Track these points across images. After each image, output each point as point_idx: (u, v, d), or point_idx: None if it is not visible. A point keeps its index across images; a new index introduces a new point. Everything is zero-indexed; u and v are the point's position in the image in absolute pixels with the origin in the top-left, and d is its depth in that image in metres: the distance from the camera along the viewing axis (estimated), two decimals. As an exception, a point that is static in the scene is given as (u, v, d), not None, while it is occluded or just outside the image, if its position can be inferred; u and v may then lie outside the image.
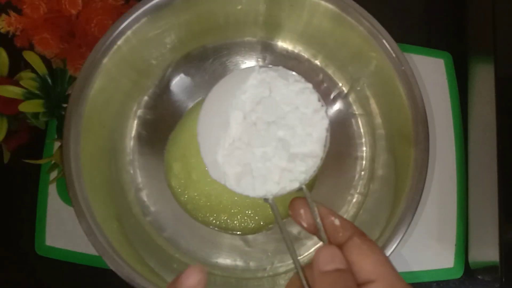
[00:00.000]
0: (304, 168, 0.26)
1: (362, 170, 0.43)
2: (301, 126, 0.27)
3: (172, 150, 0.43)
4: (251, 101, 0.27)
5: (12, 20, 0.39)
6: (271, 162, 0.26)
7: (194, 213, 0.42)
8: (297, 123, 0.27)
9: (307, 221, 0.26)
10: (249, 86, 0.28)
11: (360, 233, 0.24)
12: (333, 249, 0.23)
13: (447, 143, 0.47)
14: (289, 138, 0.26)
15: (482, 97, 0.44)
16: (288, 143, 0.26)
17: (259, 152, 0.26)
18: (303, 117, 0.27)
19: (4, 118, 0.41)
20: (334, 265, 0.22)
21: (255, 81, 0.28)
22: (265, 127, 0.26)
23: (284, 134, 0.26)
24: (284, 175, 0.26)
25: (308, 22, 0.41)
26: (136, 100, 0.43)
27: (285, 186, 0.26)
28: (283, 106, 0.27)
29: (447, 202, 0.45)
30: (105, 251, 0.33)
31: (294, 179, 0.26)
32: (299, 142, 0.26)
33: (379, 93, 0.41)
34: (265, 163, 0.26)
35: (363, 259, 0.23)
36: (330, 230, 0.25)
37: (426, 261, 0.44)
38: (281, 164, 0.26)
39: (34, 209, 0.44)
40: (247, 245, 0.42)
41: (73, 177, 0.34)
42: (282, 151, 0.26)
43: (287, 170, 0.26)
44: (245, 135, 0.27)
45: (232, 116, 0.27)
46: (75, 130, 0.35)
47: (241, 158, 0.26)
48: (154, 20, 0.38)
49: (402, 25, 0.51)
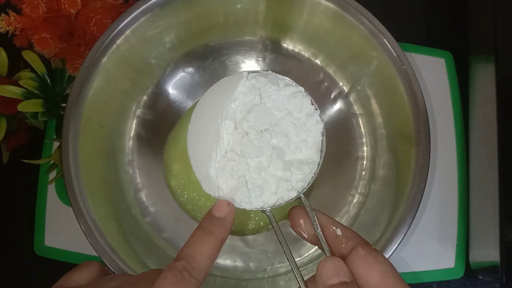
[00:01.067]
0: (301, 176, 0.25)
1: (363, 170, 0.43)
2: (295, 132, 0.26)
3: (172, 150, 0.43)
4: (242, 109, 0.26)
5: (12, 20, 0.39)
6: (267, 172, 0.25)
7: (193, 213, 0.42)
8: (291, 129, 0.26)
9: (307, 231, 0.25)
10: (238, 93, 0.27)
11: (364, 243, 0.23)
12: (337, 261, 0.22)
13: (448, 143, 0.47)
14: (284, 146, 0.26)
15: (483, 97, 0.44)
16: (282, 151, 0.25)
17: (253, 163, 0.25)
18: (296, 123, 0.26)
19: (3, 118, 0.40)
20: (339, 278, 0.22)
21: (245, 88, 0.27)
22: (258, 136, 0.25)
23: (278, 142, 0.26)
24: (281, 184, 0.25)
25: (309, 21, 0.41)
26: (135, 100, 0.43)
27: (282, 196, 0.26)
28: (275, 113, 0.26)
29: (448, 203, 0.45)
30: (104, 251, 0.33)
31: (292, 188, 0.25)
32: (294, 149, 0.26)
33: (380, 92, 0.41)
34: (260, 173, 0.25)
35: (369, 271, 0.22)
36: (332, 241, 0.24)
37: (427, 262, 0.44)
38: (277, 173, 0.25)
39: (33, 209, 0.44)
40: (247, 245, 0.42)
41: (72, 177, 0.34)
42: (277, 159, 0.25)
43: (284, 179, 0.25)
44: (237, 145, 0.26)
45: (222, 126, 0.26)
46: (74, 130, 0.35)
47: (235, 170, 0.25)
48: (154, 19, 0.38)
49: (403, 24, 0.51)
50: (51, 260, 0.43)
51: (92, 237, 0.33)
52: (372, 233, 0.37)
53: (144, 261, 0.37)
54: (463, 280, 0.44)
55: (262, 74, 0.27)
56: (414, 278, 0.44)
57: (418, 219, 0.44)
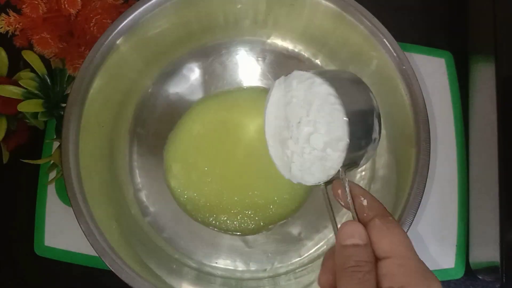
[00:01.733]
0: (336, 154, 0.28)
1: (363, 170, 0.43)
2: (322, 118, 0.29)
3: (172, 150, 0.43)
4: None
5: (12, 20, 0.39)
6: (312, 154, 0.29)
7: (193, 213, 0.42)
8: (319, 117, 0.29)
9: (343, 200, 0.28)
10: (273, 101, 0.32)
11: (383, 215, 0.26)
12: (355, 226, 0.26)
13: (448, 143, 0.47)
14: (316, 132, 0.29)
15: (483, 97, 0.44)
16: (317, 137, 0.29)
17: (303, 149, 0.30)
18: (320, 109, 0.29)
19: (3, 118, 0.41)
20: (352, 240, 0.25)
21: (277, 95, 0.32)
22: (297, 129, 0.30)
23: (311, 130, 0.29)
24: (322, 163, 0.29)
25: (309, 21, 0.41)
26: (135, 100, 0.43)
27: (327, 172, 0.29)
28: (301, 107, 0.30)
29: (448, 203, 0.45)
30: (104, 252, 0.33)
31: (330, 166, 0.28)
32: (324, 132, 0.29)
33: (380, 92, 0.41)
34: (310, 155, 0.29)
35: (381, 239, 0.25)
36: (359, 210, 0.27)
37: (427, 262, 0.43)
38: (318, 154, 0.29)
39: (33, 209, 0.44)
40: (247, 245, 0.42)
41: (72, 178, 0.34)
42: (316, 143, 0.29)
43: (324, 159, 0.29)
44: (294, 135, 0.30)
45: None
46: (74, 131, 0.35)
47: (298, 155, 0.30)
48: (154, 19, 0.38)
49: (403, 24, 0.51)
50: (51, 260, 0.43)
51: (93, 237, 0.33)
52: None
53: (144, 261, 0.37)
54: (463, 280, 0.44)
55: (290, 77, 0.31)
56: (414, 278, 0.43)
57: (418, 219, 0.44)
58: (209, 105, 0.45)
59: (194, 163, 0.43)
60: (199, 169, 0.43)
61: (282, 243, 0.42)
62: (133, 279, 0.33)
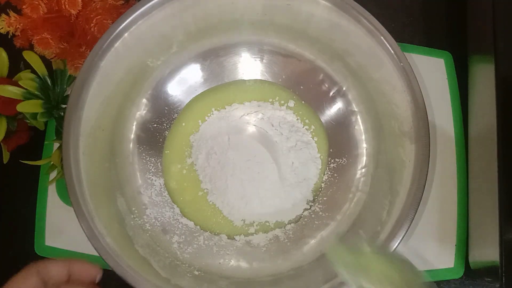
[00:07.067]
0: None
1: (363, 168, 0.43)
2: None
3: (170, 152, 0.43)
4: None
5: (12, 20, 0.39)
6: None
7: (193, 214, 0.42)
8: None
9: None
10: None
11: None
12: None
13: (448, 142, 0.47)
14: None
15: (483, 97, 0.44)
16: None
17: None
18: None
19: (3, 118, 0.41)
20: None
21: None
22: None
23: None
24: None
25: (306, 21, 0.41)
26: (135, 102, 0.43)
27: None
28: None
29: (447, 202, 0.45)
30: (108, 254, 0.33)
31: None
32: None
33: (379, 90, 0.41)
34: None
35: None
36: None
37: (427, 261, 0.44)
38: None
39: (33, 209, 0.44)
40: (249, 246, 0.42)
41: (74, 181, 0.34)
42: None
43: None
44: None
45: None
46: (75, 134, 0.35)
47: None
48: (153, 21, 0.38)
49: (402, 24, 0.51)
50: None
51: (96, 240, 0.33)
52: (373, 230, 0.37)
53: (148, 263, 0.37)
54: (462, 280, 0.44)
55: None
56: (414, 278, 0.44)
57: (418, 218, 0.44)
58: (206, 102, 0.45)
59: (192, 164, 0.43)
60: (198, 170, 0.43)
61: (284, 243, 0.42)
62: (138, 281, 0.33)
